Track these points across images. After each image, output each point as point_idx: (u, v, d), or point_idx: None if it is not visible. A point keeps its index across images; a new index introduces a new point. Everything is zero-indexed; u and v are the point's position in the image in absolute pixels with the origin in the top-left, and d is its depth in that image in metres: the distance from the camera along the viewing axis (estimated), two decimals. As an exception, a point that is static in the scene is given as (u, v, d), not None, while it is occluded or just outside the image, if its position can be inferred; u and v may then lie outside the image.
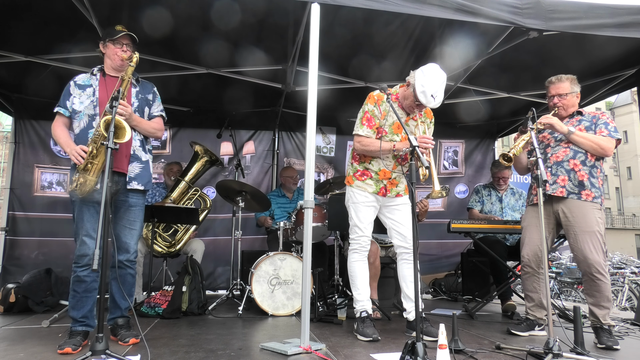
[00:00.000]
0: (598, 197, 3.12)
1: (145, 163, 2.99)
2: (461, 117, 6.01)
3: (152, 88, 3.12)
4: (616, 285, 7.77)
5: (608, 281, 3.02)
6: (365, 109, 3.22)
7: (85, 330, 2.77)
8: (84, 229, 2.76)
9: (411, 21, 3.83)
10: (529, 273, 3.28)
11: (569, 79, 3.28)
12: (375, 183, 3.23)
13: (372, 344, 2.89)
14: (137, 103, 2.98)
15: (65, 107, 2.88)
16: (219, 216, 5.70)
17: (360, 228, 3.23)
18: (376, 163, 3.24)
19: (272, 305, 3.91)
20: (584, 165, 3.14)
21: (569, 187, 3.15)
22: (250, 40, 4.19)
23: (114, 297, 2.93)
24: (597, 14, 3.16)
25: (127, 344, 2.77)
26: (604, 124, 3.18)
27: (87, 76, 2.94)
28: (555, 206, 3.21)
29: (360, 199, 3.24)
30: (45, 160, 5.28)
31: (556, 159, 3.22)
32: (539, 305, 3.28)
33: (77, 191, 2.71)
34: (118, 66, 2.91)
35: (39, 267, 4.40)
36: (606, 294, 3.02)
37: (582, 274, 3.12)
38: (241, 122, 5.74)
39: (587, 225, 3.06)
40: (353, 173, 3.30)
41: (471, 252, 5.09)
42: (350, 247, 3.29)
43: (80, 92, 2.88)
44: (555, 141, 3.27)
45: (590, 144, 3.11)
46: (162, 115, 3.12)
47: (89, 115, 2.84)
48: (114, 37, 2.89)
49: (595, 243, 3.03)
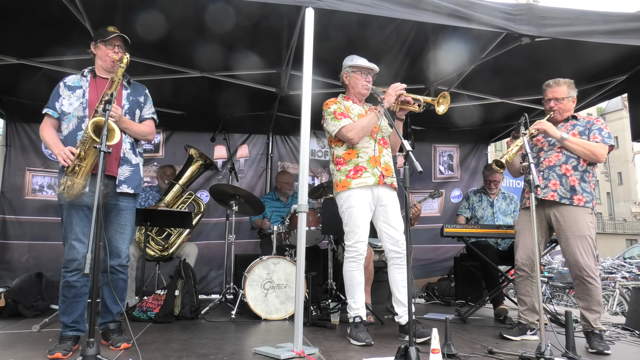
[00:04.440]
0: (590, 202, 3.13)
1: (136, 166, 2.94)
2: (454, 121, 6.04)
3: (144, 90, 3.09)
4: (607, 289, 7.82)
5: (599, 285, 3.04)
6: (331, 110, 3.26)
7: (76, 335, 2.74)
8: (73, 233, 2.71)
9: (405, 25, 3.85)
10: (523, 276, 3.29)
11: (566, 83, 3.29)
12: (372, 173, 3.19)
13: (365, 349, 2.88)
14: (128, 105, 2.94)
15: (54, 109, 2.84)
16: (212, 220, 5.68)
17: (357, 233, 3.15)
18: (364, 153, 3.22)
19: (266, 310, 3.89)
20: (575, 171, 3.16)
21: (560, 192, 3.16)
22: (244, 44, 4.19)
23: (106, 302, 2.90)
24: (589, 20, 3.20)
25: (119, 348, 2.74)
26: (598, 130, 3.19)
27: (77, 77, 2.91)
28: (547, 210, 3.23)
29: (355, 202, 3.17)
30: (37, 163, 5.24)
31: (548, 163, 3.24)
32: (532, 309, 3.29)
33: (65, 194, 2.66)
34: (109, 67, 2.88)
35: (30, 271, 4.35)
36: (597, 298, 3.03)
37: (573, 277, 3.14)
38: (235, 125, 5.73)
39: (578, 230, 3.08)
40: (345, 176, 3.22)
41: (464, 256, 5.10)
42: (346, 255, 3.20)
43: (69, 94, 2.84)
44: (549, 145, 3.28)
45: (583, 150, 3.13)
46: (153, 118, 3.08)
47: (78, 117, 2.79)
48: (105, 38, 2.85)
49: (586, 247, 3.05)
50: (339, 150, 3.29)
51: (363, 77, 3.32)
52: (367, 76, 3.33)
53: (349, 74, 3.36)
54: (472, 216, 4.87)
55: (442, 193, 6.21)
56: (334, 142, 3.33)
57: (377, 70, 3.36)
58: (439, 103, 3.11)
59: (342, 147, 3.29)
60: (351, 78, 3.35)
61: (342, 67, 3.41)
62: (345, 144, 3.27)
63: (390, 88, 3.14)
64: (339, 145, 3.30)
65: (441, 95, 3.11)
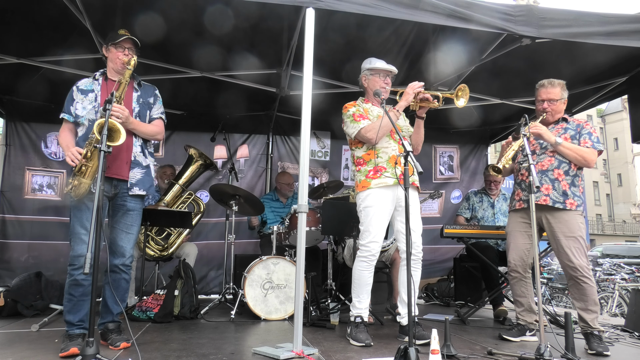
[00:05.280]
0: (580, 205, 3.19)
1: (147, 168, 2.99)
2: (454, 122, 6.04)
3: (154, 91, 3.13)
4: (607, 291, 7.82)
5: (594, 284, 3.07)
6: (350, 113, 3.29)
7: (83, 332, 2.73)
8: (84, 228, 2.72)
9: (405, 27, 3.84)
10: (516, 278, 3.31)
11: (560, 85, 3.29)
12: (392, 173, 3.18)
13: (364, 349, 2.88)
14: (139, 108, 2.98)
15: (69, 113, 2.89)
16: (212, 220, 5.67)
17: (371, 232, 3.14)
18: (383, 154, 3.22)
19: (265, 310, 3.89)
20: (566, 175, 3.19)
21: (553, 196, 3.18)
22: (244, 45, 4.19)
23: (107, 301, 2.90)
24: (588, 22, 3.20)
25: (118, 348, 2.74)
26: (588, 134, 3.22)
27: (89, 81, 2.96)
28: (539, 213, 3.21)
29: (372, 202, 3.15)
30: (36, 162, 5.24)
31: (541, 167, 3.25)
32: (529, 309, 3.30)
33: (72, 194, 2.70)
34: (119, 69, 2.94)
35: (29, 271, 4.35)
36: (593, 298, 3.05)
37: (568, 279, 3.15)
38: (235, 125, 5.73)
39: (570, 231, 3.12)
40: (365, 176, 3.22)
41: (464, 257, 5.10)
42: (358, 254, 3.21)
43: (82, 97, 2.89)
44: (541, 148, 3.30)
45: (575, 156, 3.16)
46: (162, 118, 3.13)
47: (90, 119, 2.84)
48: (116, 41, 2.92)
49: (578, 247, 3.08)
50: (359, 151, 3.31)
51: (381, 80, 3.33)
52: (385, 78, 3.34)
53: (367, 77, 3.38)
54: (473, 216, 4.87)
55: (442, 194, 6.23)
56: (354, 143, 3.35)
57: (395, 72, 3.38)
58: (458, 97, 3.09)
59: (362, 148, 3.30)
60: (370, 81, 3.36)
61: (361, 70, 3.42)
62: (365, 145, 3.28)
63: (408, 87, 3.15)
64: (359, 146, 3.32)
65: (459, 88, 3.08)
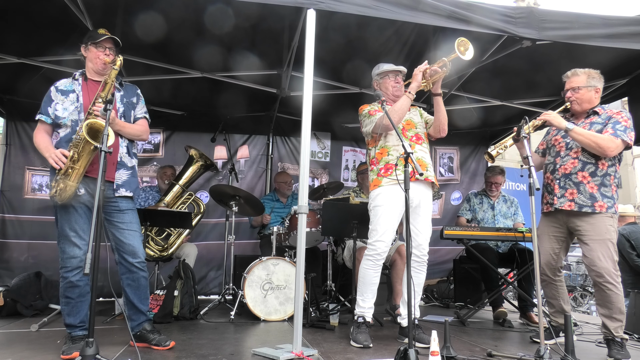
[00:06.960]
0: (612, 207, 3.00)
1: (132, 169, 2.93)
2: (454, 123, 6.02)
3: (136, 90, 3.06)
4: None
5: (620, 292, 2.90)
6: (366, 111, 3.32)
7: (86, 334, 2.73)
8: (73, 230, 2.68)
9: (406, 27, 3.85)
10: (546, 281, 3.27)
11: (585, 73, 3.14)
12: (403, 170, 3.10)
13: (364, 351, 2.88)
14: (123, 108, 2.92)
15: (46, 114, 2.80)
16: (212, 220, 5.67)
17: (378, 232, 3.12)
18: (394, 151, 3.20)
19: (265, 311, 3.89)
20: (594, 177, 3.02)
21: (579, 201, 3.03)
22: (244, 45, 4.19)
23: (133, 302, 2.85)
24: (589, 24, 3.19)
25: (168, 347, 2.76)
26: (613, 124, 3.01)
27: (68, 81, 2.88)
28: (566, 217, 3.13)
29: (382, 201, 3.13)
30: (36, 162, 5.23)
31: (564, 171, 3.11)
32: (560, 311, 3.25)
33: (57, 197, 2.62)
34: (100, 70, 2.86)
35: (29, 270, 4.36)
36: (618, 306, 2.90)
37: (593, 283, 3.01)
38: (235, 126, 5.72)
39: (597, 234, 2.97)
40: (377, 175, 3.22)
41: (463, 258, 5.10)
42: (365, 252, 3.20)
43: (63, 98, 2.81)
44: (566, 149, 3.15)
45: (588, 142, 2.96)
46: (146, 117, 3.06)
47: (73, 120, 2.77)
48: (96, 40, 2.84)
49: (605, 250, 2.93)
50: (373, 151, 3.33)
51: (392, 80, 3.39)
52: (395, 77, 3.40)
53: (378, 82, 3.44)
54: (473, 218, 4.86)
55: (442, 195, 6.22)
56: (371, 143, 3.35)
57: (404, 71, 3.42)
58: (461, 52, 2.99)
59: (376, 147, 3.30)
60: (381, 84, 3.42)
61: (372, 77, 3.49)
62: (378, 143, 3.28)
63: (414, 73, 3.18)
64: (374, 146, 3.32)
65: (458, 43, 2.98)
